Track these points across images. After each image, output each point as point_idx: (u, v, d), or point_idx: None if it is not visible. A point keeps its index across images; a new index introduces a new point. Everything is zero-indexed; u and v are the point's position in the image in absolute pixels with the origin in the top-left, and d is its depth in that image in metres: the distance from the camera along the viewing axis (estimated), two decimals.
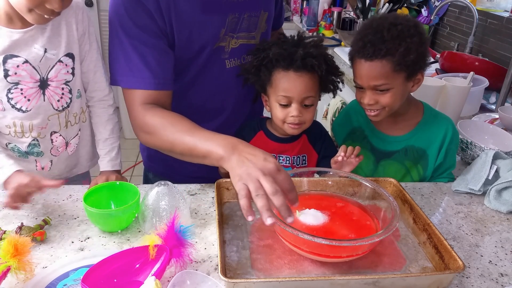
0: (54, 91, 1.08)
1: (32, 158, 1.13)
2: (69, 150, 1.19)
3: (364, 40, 1.07)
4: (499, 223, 1.02)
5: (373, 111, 1.13)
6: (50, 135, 1.13)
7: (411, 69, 1.07)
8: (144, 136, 1.04)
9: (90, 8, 3.78)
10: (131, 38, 1.00)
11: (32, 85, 1.04)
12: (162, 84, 1.04)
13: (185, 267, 0.79)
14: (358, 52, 1.08)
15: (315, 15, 3.22)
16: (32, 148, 1.11)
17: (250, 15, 1.14)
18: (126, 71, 1.02)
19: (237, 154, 0.83)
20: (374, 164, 1.25)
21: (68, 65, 1.09)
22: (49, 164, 1.16)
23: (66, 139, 1.17)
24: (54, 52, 1.05)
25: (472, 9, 2.03)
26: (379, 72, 1.06)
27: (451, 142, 1.18)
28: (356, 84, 1.13)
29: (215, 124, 1.18)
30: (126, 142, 3.27)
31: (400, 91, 1.10)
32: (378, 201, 0.92)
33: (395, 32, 1.04)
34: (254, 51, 1.13)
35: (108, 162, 1.19)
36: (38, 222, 0.91)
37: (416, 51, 1.05)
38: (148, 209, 0.91)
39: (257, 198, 0.75)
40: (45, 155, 1.15)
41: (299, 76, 1.07)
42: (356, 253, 0.80)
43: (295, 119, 1.09)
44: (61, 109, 1.11)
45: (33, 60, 1.02)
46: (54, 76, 1.07)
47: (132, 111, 1.04)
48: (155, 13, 0.99)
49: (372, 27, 1.07)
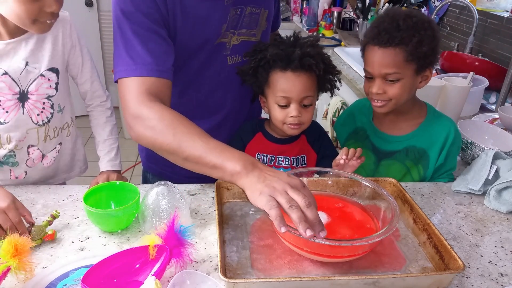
0: (34, 104, 1.07)
1: (6, 167, 1.12)
2: (45, 162, 1.18)
3: (379, 27, 1.09)
4: (499, 223, 1.02)
5: (380, 102, 1.13)
6: (27, 147, 1.12)
7: (421, 62, 1.09)
8: (141, 129, 0.93)
9: (90, 8, 3.78)
10: (134, 24, 0.97)
11: (10, 97, 1.03)
12: (164, 72, 0.99)
13: (185, 267, 0.79)
14: (372, 39, 1.10)
15: (315, 15, 3.22)
16: (7, 159, 1.10)
17: (251, 11, 1.14)
18: (127, 61, 0.98)
19: (257, 172, 0.81)
20: (375, 164, 1.25)
21: (51, 80, 1.08)
22: (23, 174, 1.15)
23: (43, 152, 1.16)
24: (36, 66, 1.04)
25: (472, 9, 2.03)
26: (391, 60, 1.07)
27: (453, 144, 1.18)
28: (366, 73, 1.14)
29: (214, 122, 1.18)
30: (126, 142, 3.27)
31: (409, 84, 1.11)
32: (378, 201, 0.92)
33: (410, 23, 1.06)
34: (251, 53, 1.13)
35: (107, 162, 1.19)
36: (38, 222, 0.91)
37: (429, 45, 1.07)
38: (148, 209, 0.91)
39: (291, 210, 0.74)
40: (20, 166, 1.14)
41: (297, 76, 1.07)
42: (356, 253, 0.80)
43: (294, 119, 1.09)
44: (41, 123, 1.10)
45: (13, 72, 1.01)
46: (35, 90, 1.05)
47: (129, 100, 0.95)
48: (160, 2, 0.98)
49: (388, 16, 1.10)
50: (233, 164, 0.83)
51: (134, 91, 0.95)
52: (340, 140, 1.34)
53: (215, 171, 0.86)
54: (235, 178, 0.83)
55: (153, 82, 0.97)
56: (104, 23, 3.89)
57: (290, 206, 0.74)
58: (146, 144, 0.96)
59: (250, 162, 0.83)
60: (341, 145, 1.36)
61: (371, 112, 1.27)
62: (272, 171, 0.82)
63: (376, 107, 1.16)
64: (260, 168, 0.82)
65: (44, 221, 0.89)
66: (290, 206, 0.74)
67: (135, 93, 0.95)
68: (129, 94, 0.96)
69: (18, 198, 1.02)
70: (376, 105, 1.15)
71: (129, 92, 0.96)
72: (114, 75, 1.01)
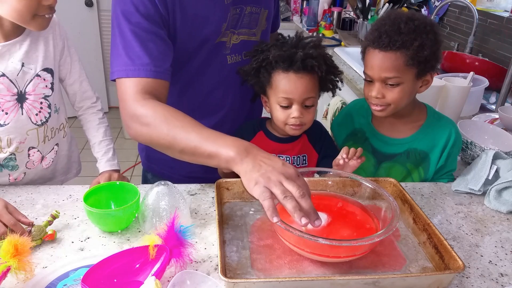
0: (32, 104, 1.08)
1: (5, 171, 1.12)
2: (44, 164, 1.19)
3: (380, 30, 1.07)
4: (499, 223, 1.02)
5: (379, 106, 1.13)
6: (28, 150, 1.12)
7: (422, 67, 1.08)
8: (137, 127, 0.95)
9: (90, 8, 3.78)
10: (133, 25, 0.98)
11: (9, 98, 1.04)
12: (161, 73, 1.00)
13: (185, 267, 0.79)
14: (373, 42, 1.08)
15: (315, 15, 3.22)
16: (7, 162, 1.11)
17: (251, 11, 1.14)
18: (126, 61, 0.99)
19: (251, 158, 0.82)
20: (375, 167, 1.24)
21: (46, 80, 1.09)
22: (22, 176, 1.16)
23: (43, 154, 1.17)
24: (32, 67, 1.05)
25: (472, 9, 2.03)
26: (392, 64, 1.06)
27: (454, 145, 1.18)
28: (366, 77, 1.13)
29: (213, 121, 1.18)
30: (126, 142, 3.25)
31: (409, 88, 1.10)
32: (378, 201, 0.92)
33: (412, 26, 1.05)
34: (253, 53, 1.13)
35: (106, 163, 1.20)
36: (38, 222, 0.91)
37: (430, 49, 1.06)
38: (148, 209, 0.91)
39: (286, 200, 0.75)
40: (19, 169, 1.14)
41: (299, 78, 1.07)
42: (356, 253, 0.80)
43: (296, 120, 1.09)
44: (39, 123, 1.11)
45: (10, 73, 1.03)
46: (32, 90, 1.07)
47: (126, 100, 0.97)
48: (159, 2, 0.98)
49: (389, 19, 1.08)
50: (227, 150, 0.84)
51: (131, 91, 0.97)
52: (337, 140, 1.33)
53: (211, 160, 0.87)
54: (231, 165, 0.83)
55: (151, 82, 0.98)
56: (104, 23, 3.89)
57: (284, 197, 0.75)
58: (143, 141, 0.98)
59: (244, 147, 0.84)
60: (339, 146, 1.36)
61: (370, 114, 1.25)
62: (267, 157, 0.82)
63: (375, 111, 1.15)
64: (254, 154, 0.83)
65: (44, 221, 0.89)
66: (285, 197, 0.75)
67: (132, 92, 0.96)
68: (127, 94, 0.97)
69: (18, 198, 1.02)
70: (375, 109, 1.14)
71: (126, 92, 0.97)
72: (111, 74, 1.02)
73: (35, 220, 0.93)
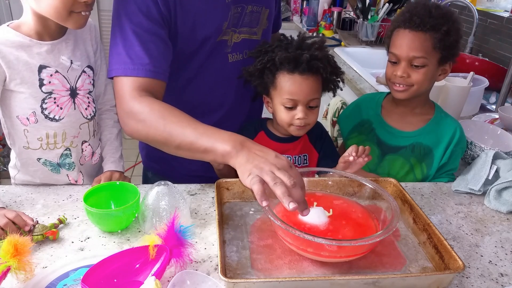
0: (82, 99, 1.12)
1: (64, 171, 1.14)
2: (93, 160, 1.21)
3: (412, 12, 1.13)
4: (499, 223, 1.02)
5: (402, 86, 1.16)
6: (81, 144, 1.15)
7: (445, 53, 1.13)
8: (133, 124, 0.96)
9: None
10: (134, 24, 0.99)
11: (64, 94, 1.08)
12: (160, 73, 1.01)
13: (185, 267, 0.79)
14: (403, 23, 1.14)
15: (315, 15, 3.22)
16: (64, 159, 1.13)
17: (252, 10, 1.15)
18: (125, 60, 0.99)
19: (246, 151, 0.83)
20: (379, 158, 1.25)
21: (90, 76, 1.14)
22: (80, 176, 1.18)
23: (93, 149, 1.20)
24: (78, 64, 1.10)
25: (472, 9, 2.03)
26: (421, 44, 1.11)
27: (458, 144, 1.20)
28: (391, 57, 1.17)
29: (213, 119, 1.18)
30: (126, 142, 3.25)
31: (431, 73, 1.15)
32: (378, 201, 0.92)
33: (441, 12, 1.12)
34: (256, 53, 1.13)
35: (112, 163, 1.21)
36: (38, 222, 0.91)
37: (455, 36, 1.12)
38: (148, 209, 0.91)
39: (275, 186, 0.75)
40: (75, 166, 1.16)
41: (304, 79, 1.07)
42: (356, 253, 0.80)
43: (301, 121, 1.09)
44: (89, 117, 1.15)
45: (62, 70, 1.07)
46: (81, 85, 1.11)
47: (123, 97, 0.97)
48: (161, 2, 0.99)
49: (420, 3, 1.15)
50: (223, 145, 0.85)
51: (128, 89, 0.98)
52: (343, 132, 1.36)
53: (207, 155, 0.88)
54: (227, 159, 0.84)
55: (148, 82, 0.99)
56: (104, 23, 3.88)
57: (275, 183, 0.75)
58: (139, 137, 0.99)
59: (239, 141, 0.85)
60: (343, 138, 1.36)
61: (379, 106, 1.28)
62: (261, 149, 0.83)
63: (397, 91, 1.18)
64: (248, 147, 0.84)
65: (50, 223, 0.90)
66: (275, 183, 0.75)
67: (129, 90, 0.97)
68: (124, 92, 0.98)
69: (18, 198, 1.03)
70: (397, 89, 1.17)
71: (124, 90, 0.98)
72: (110, 72, 1.02)
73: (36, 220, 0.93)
